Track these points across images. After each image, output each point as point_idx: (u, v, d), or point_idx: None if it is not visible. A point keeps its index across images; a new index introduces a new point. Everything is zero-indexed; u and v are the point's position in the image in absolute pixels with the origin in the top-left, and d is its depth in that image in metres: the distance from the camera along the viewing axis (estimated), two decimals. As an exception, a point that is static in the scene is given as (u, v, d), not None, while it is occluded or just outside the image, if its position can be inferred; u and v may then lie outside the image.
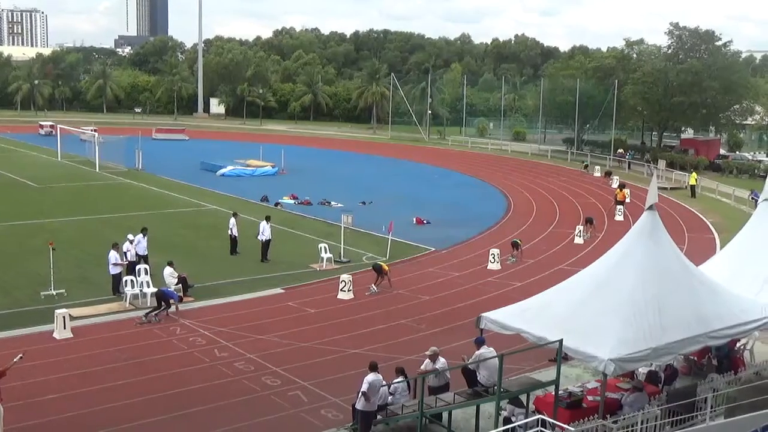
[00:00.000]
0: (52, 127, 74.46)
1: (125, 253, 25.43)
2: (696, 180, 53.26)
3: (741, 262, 17.41)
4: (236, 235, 30.42)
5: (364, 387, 14.60)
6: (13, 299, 23.79)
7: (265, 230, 29.66)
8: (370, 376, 14.74)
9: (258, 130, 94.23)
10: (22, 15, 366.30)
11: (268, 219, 30.24)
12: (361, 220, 35.86)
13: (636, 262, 14.65)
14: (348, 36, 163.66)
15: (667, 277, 14.68)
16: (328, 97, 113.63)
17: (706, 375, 16.63)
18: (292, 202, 43.88)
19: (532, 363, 18.16)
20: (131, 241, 26.17)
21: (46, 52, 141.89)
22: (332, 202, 43.43)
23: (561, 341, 13.61)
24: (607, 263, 15.35)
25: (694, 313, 14.57)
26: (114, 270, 24.53)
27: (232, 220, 30.65)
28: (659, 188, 15.86)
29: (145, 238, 26.95)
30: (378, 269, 26.16)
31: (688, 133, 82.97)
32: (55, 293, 23.80)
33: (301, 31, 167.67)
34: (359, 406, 14.74)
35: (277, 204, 42.75)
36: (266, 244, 29.71)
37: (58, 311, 20.86)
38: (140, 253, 26.46)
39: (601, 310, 14.11)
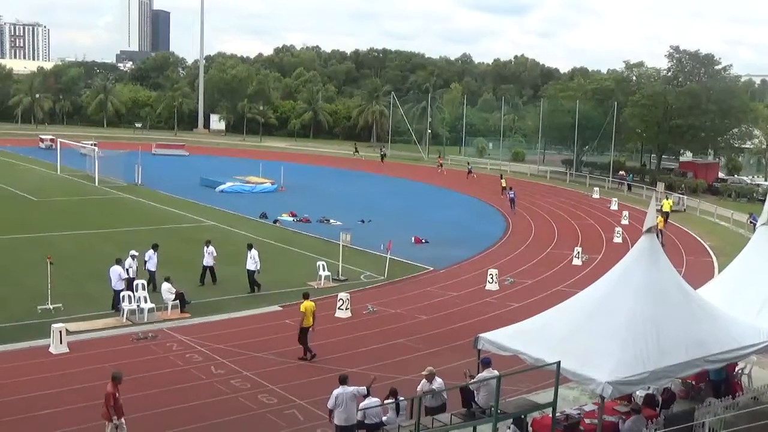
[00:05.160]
0: (52, 140, 74.55)
1: (127, 269, 25.22)
2: (670, 207, 48.25)
3: (739, 286, 17.40)
4: (211, 264, 28.04)
5: (330, 402, 14.60)
6: (9, 313, 23.68)
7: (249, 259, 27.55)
8: (337, 390, 14.65)
9: (258, 147, 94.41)
10: (24, 29, 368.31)
11: (250, 247, 27.94)
12: (360, 239, 35.83)
13: (634, 285, 14.64)
14: (348, 54, 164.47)
15: (665, 300, 14.68)
16: (328, 115, 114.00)
17: (703, 399, 16.58)
18: (291, 219, 43.90)
19: (529, 384, 18.11)
20: (134, 257, 26.07)
21: (48, 66, 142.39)
22: (331, 220, 43.45)
23: (559, 363, 13.58)
24: (606, 285, 15.35)
25: (692, 336, 14.55)
26: (117, 286, 24.33)
27: (206, 248, 28.20)
28: (658, 211, 15.92)
29: (156, 254, 26.91)
30: None
31: (687, 156, 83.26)
32: (51, 307, 23.74)
33: (302, 49, 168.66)
34: (335, 420, 14.68)
35: (276, 221, 42.78)
36: (250, 273, 27.56)
37: (54, 326, 20.82)
38: (150, 269, 26.47)
39: (599, 332, 14.09)
